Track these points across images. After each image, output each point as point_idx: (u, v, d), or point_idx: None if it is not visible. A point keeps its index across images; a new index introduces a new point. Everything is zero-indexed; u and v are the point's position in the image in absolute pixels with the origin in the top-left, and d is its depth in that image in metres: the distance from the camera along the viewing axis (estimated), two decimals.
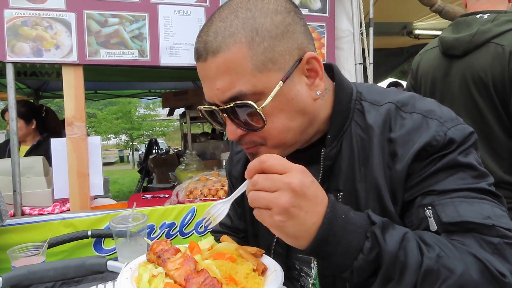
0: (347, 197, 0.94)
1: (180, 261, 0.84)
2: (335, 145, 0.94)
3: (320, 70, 0.88)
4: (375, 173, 0.89)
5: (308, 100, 0.88)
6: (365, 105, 0.96)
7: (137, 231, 1.50)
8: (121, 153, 28.82)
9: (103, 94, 8.69)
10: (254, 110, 0.82)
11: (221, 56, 0.81)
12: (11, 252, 1.50)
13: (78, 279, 1.26)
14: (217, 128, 0.96)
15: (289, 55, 0.84)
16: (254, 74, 0.81)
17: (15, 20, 2.23)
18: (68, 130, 2.34)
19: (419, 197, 0.85)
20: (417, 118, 0.89)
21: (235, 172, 1.23)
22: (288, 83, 0.84)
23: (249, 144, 0.90)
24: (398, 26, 5.17)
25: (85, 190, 2.36)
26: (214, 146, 5.32)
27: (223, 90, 0.82)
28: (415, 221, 0.85)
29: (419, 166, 0.85)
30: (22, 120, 3.49)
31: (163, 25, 2.45)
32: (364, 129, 0.93)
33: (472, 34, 1.94)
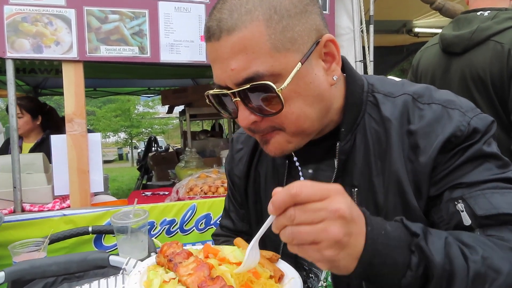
0: (362, 192, 0.90)
1: (193, 266, 0.79)
2: (349, 138, 0.91)
3: (337, 54, 0.85)
4: (395, 166, 0.85)
5: (325, 85, 0.84)
6: (379, 97, 0.92)
7: (138, 227, 1.50)
8: (120, 151, 28.80)
9: (102, 92, 8.67)
10: (272, 92, 0.77)
11: (237, 34, 0.76)
12: (12, 248, 1.50)
13: (79, 275, 1.26)
14: (225, 116, 0.91)
15: (308, 36, 0.80)
16: (272, 54, 0.76)
17: (15, 16, 2.22)
18: (68, 127, 2.34)
19: (447, 191, 0.82)
20: (437, 109, 0.85)
21: (237, 171, 1.18)
22: (306, 65, 0.79)
23: (264, 130, 0.85)
24: (398, 24, 5.17)
25: (85, 186, 2.36)
26: (213, 144, 5.32)
27: (238, 70, 0.77)
28: (445, 216, 0.81)
29: (445, 158, 0.82)
30: (29, 114, 3.49)
31: (163, 21, 2.44)
32: (379, 122, 0.90)
33: (472, 31, 1.94)
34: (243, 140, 1.18)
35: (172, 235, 2.38)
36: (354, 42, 2.93)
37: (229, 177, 1.23)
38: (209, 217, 2.44)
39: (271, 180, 1.07)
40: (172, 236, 2.38)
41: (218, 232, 1.29)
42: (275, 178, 1.06)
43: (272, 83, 0.76)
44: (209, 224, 2.45)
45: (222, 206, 2.42)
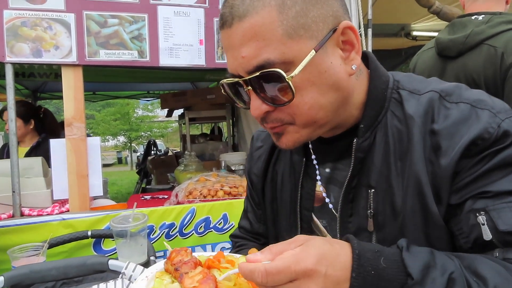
0: (379, 194, 0.84)
1: (198, 278, 0.76)
2: (368, 136, 0.85)
3: (356, 43, 0.80)
4: (416, 167, 0.79)
5: (342, 74, 0.79)
6: (404, 94, 0.86)
7: (138, 231, 1.50)
8: (119, 154, 28.77)
9: (101, 95, 8.68)
10: (282, 80, 0.74)
11: (248, 20, 0.73)
12: (11, 253, 1.50)
13: (78, 279, 1.26)
14: (240, 106, 0.87)
15: (323, 22, 0.76)
16: (284, 40, 0.73)
17: (14, 21, 2.23)
18: (68, 131, 2.33)
19: (470, 200, 0.75)
20: (464, 108, 0.78)
21: (255, 169, 1.15)
22: (320, 53, 0.75)
23: (276, 122, 0.81)
24: (396, 28, 5.19)
25: (84, 191, 2.36)
26: (213, 147, 5.33)
27: (248, 58, 0.75)
28: (465, 229, 0.75)
29: (469, 163, 0.74)
30: (20, 119, 3.49)
31: (163, 26, 2.45)
32: (402, 120, 0.84)
33: (466, 35, 1.95)
34: (263, 138, 1.16)
35: (171, 238, 2.38)
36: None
37: (248, 176, 1.20)
38: (209, 221, 2.44)
39: (287, 179, 1.05)
40: (171, 239, 2.37)
41: (236, 234, 1.27)
42: (291, 177, 1.03)
43: (283, 71, 0.73)
44: (208, 228, 2.44)
45: (221, 209, 2.46)
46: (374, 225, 0.85)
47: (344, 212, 0.89)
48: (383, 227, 0.84)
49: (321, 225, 0.97)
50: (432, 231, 0.79)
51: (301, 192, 0.99)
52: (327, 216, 0.95)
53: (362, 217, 0.86)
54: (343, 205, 0.89)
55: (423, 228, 0.79)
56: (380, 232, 0.84)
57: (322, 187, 0.96)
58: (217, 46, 2.54)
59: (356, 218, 0.88)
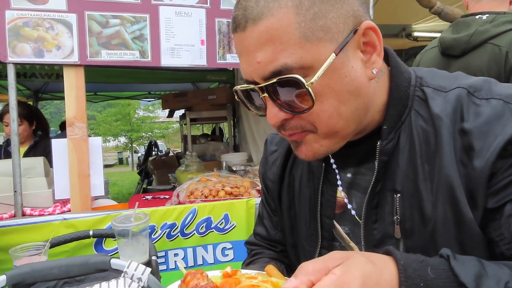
0: (406, 199, 0.79)
1: None
2: (392, 137, 0.80)
3: (378, 44, 0.75)
4: (447, 171, 0.73)
5: (363, 79, 0.74)
6: (428, 91, 0.80)
7: (139, 230, 1.50)
8: (120, 155, 28.80)
9: (102, 96, 8.70)
10: (301, 86, 0.69)
11: (263, 23, 0.68)
12: (13, 252, 1.50)
13: (80, 278, 1.26)
14: (255, 113, 0.83)
15: (344, 23, 0.71)
16: (302, 44, 0.68)
17: (16, 21, 2.23)
18: (69, 131, 2.34)
19: (510, 204, 0.69)
20: (497, 105, 0.72)
21: (271, 174, 1.08)
22: (341, 56, 0.70)
23: (295, 129, 0.76)
24: (397, 28, 5.19)
25: (86, 190, 2.36)
26: (214, 148, 5.33)
27: (264, 63, 0.70)
28: (507, 234, 0.69)
29: (506, 164, 0.69)
30: (26, 121, 3.55)
31: (164, 26, 2.46)
32: (427, 120, 0.78)
33: (470, 34, 1.96)
34: (277, 141, 1.10)
35: (172, 239, 2.38)
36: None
37: (262, 182, 1.13)
38: (210, 221, 2.44)
39: (306, 185, 0.99)
40: (173, 239, 2.38)
41: (251, 240, 1.21)
42: (310, 182, 0.98)
43: (301, 76, 0.68)
44: (209, 228, 2.44)
45: (222, 209, 2.46)
46: (401, 232, 0.80)
47: (368, 218, 0.85)
48: (411, 234, 0.79)
49: (344, 233, 0.93)
50: (466, 239, 0.74)
51: (321, 199, 0.94)
52: (349, 223, 0.91)
53: (388, 223, 0.82)
54: (367, 211, 0.85)
55: (456, 235, 0.74)
56: (408, 239, 0.80)
57: (344, 193, 0.91)
58: (219, 46, 2.55)
59: (381, 224, 0.83)
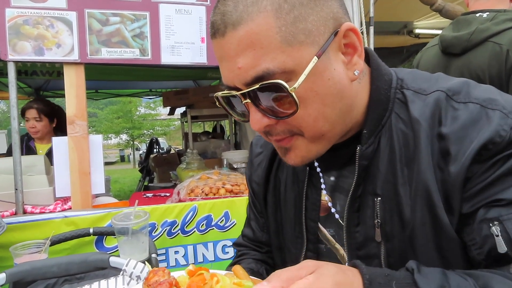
0: (386, 202, 0.79)
1: None
2: (372, 141, 0.80)
3: (359, 45, 0.74)
4: (424, 176, 0.74)
5: (345, 81, 0.74)
6: (408, 94, 0.80)
7: (139, 228, 1.51)
8: (122, 152, 28.85)
9: (103, 94, 8.69)
10: (284, 91, 0.68)
11: (243, 28, 0.67)
12: (13, 250, 1.51)
13: (80, 276, 1.27)
14: (237, 119, 0.82)
15: (324, 26, 0.70)
16: (283, 48, 0.67)
17: (16, 19, 2.23)
18: (70, 129, 2.34)
19: (482, 209, 0.70)
20: (474, 109, 0.72)
21: (256, 177, 1.08)
22: (323, 59, 0.70)
23: (282, 134, 0.76)
24: (398, 25, 5.17)
25: (86, 188, 2.37)
26: (215, 145, 5.33)
27: (246, 69, 0.69)
28: (478, 239, 0.70)
29: (480, 169, 0.69)
30: (46, 118, 3.57)
31: (164, 24, 2.45)
32: (407, 123, 0.78)
33: (470, 32, 1.95)
34: (262, 144, 1.10)
35: (173, 236, 2.38)
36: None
37: (249, 184, 1.13)
38: (210, 219, 2.45)
39: (291, 188, 0.99)
40: (173, 237, 2.38)
41: (238, 242, 1.21)
42: (295, 186, 0.98)
43: (284, 81, 0.67)
44: (210, 226, 2.45)
45: (222, 207, 2.47)
46: (382, 235, 0.81)
47: (350, 221, 0.86)
48: (391, 238, 0.80)
49: (329, 235, 0.93)
50: (443, 243, 0.74)
51: (306, 202, 0.95)
52: (334, 225, 0.91)
53: (369, 226, 0.82)
54: (349, 215, 0.85)
55: (434, 239, 0.75)
56: (388, 242, 0.80)
57: (328, 196, 0.92)
58: None
59: (363, 227, 0.83)
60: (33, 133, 3.58)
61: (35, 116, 3.52)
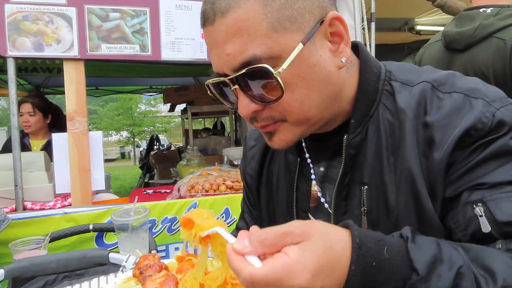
0: (373, 190, 0.82)
1: (161, 280, 0.76)
2: (360, 131, 0.83)
3: (345, 34, 0.77)
4: (408, 163, 0.76)
5: (332, 67, 0.76)
6: (395, 85, 0.83)
7: (139, 224, 1.50)
8: (123, 149, 28.82)
9: (104, 90, 8.68)
10: (270, 76, 0.70)
11: (231, 15, 0.70)
12: (13, 246, 1.51)
13: (79, 272, 1.26)
14: (228, 107, 0.84)
15: (310, 14, 0.73)
16: (269, 34, 0.70)
17: (16, 15, 2.22)
18: (70, 125, 2.34)
19: (466, 192, 0.72)
20: (457, 98, 0.75)
21: (249, 169, 1.11)
22: (309, 46, 0.72)
23: (267, 120, 0.78)
24: (399, 22, 5.15)
25: (86, 185, 2.36)
26: (215, 142, 5.33)
27: (234, 55, 0.71)
28: (462, 222, 0.72)
29: (463, 154, 0.72)
30: (40, 113, 3.57)
31: (165, 19, 2.44)
32: (394, 113, 0.81)
33: (474, 28, 1.94)
34: (256, 137, 1.12)
35: (173, 232, 2.38)
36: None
37: (243, 177, 1.16)
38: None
39: (283, 180, 1.02)
40: (173, 234, 2.38)
41: (233, 234, 1.26)
42: (286, 177, 1.01)
43: (270, 66, 0.70)
44: None
45: (223, 204, 2.46)
46: (368, 222, 0.83)
47: (338, 210, 0.88)
48: (377, 225, 0.82)
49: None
50: (427, 230, 0.75)
51: (297, 193, 0.97)
52: (324, 215, 0.93)
53: (356, 214, 0.84)
54: (336, 203, 0.88)
55: (417, 226, 0.76)
56: (375, 229, 0.79)
57: (317, 186, 0.94)
58: None
59: (350, 215, 0.85)
60: (26, 128, 3.56)
61: (29, 110, 3.51)
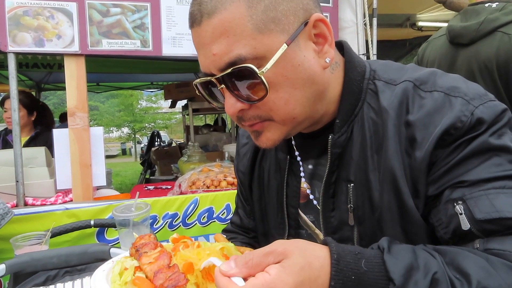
0: (358, 188, 0.84)
1: (155, 255, 0.80)
2: (345, 130, 0.85)
3: (329, 35, 0.79)
4: (390, 162, 0.78)
5: (316, 67, 0.78)
6: (379, 84, 0.84)
7: (140, 220, 1.50)
8: (123, 145, 28.86)
9: (105, 86, 8.68)
10: (254, 76, 0.72)
11: (217, 16, 0.72)
12: (14, 241, 1.51)
13: (81, 268, 1.26)
14: (215, 106, 0.86)
15: (294, 15, 0.75)
16: (254, 35, 0.72)
17: (16, 10, 2.21)
18: (71, 121, 2.33)
19: (447, 191, 0.73)
20: (438, 97, 0.77)
21: (241, 166, 1.14)
22: (293, 47, 0.74)
23: (253, 119, 0.79)
24: (401, 18, 5.13)
25: (87, 180, 2.36)
26: (216, 138, 5.33)
27: (220, 55, 0.73)
28: (444, 219, 0.73)
29: (444, 153, 0.74)
30: (25, 109, 3.54)
31: (165, 15, 2.43)
32: (377, 112, 0.82)
33: (479, 22, 1.93)
34: (248, 135, 1.13)
35: (174, 228, 2.38)
36: (357, 36, 2.91)
37: (236, 173, 1.19)
38: (212, 211, 2.44)
39: (273, 176, 1.04)
40: (175, 229, 2.38)
41: (228, 228, 1.27)
42: (277, 174, 1.03)
43: (255, 66, 0.71)
44: (211, 218, 2.45)
45: (224, 200, 2.46)
46: (354, 219, 0.85)
47: (326, 207, 0.90)
48: (363, 221, 0.84)
49: (309, 221, 0.97)
50: (409, 227, 0.78)
51: (287, 190, 1.00)
52: (313, 211, 0.96)
53: (343, 211, 0.87)
54: (324, 200, 0.90)
55: (400, 223, 0.79)
56: (360, 226, 0.85)
57: (306, 183, 0.96)
58: None
59: (338, 212, 0.88)
60: (10, 124, 3.56)
61: None
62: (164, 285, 0.71)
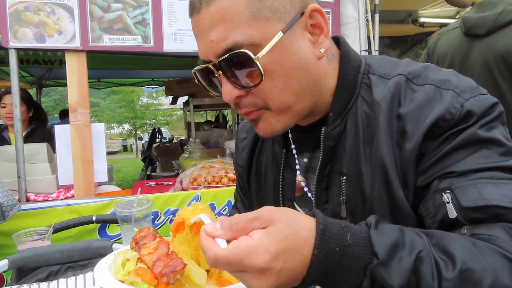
0: (351, 180, 0.85)
1: (154, 245, 0.83)
2: (339, 123, 0.86)
3: (325, 26, 0.81)
4: (382, 154, 0.79)
5: (311, 57, 0.80)
6: (373, 78, 0.86)
7: (142, 216, 1.50)
8: (125, 142, 28.86)
9: (106, 83, 8.67)
10: (250, 62, 0.74)
11: (215, 4, 0.74)
12: (16, 237, 1.51)
13: (83, 263, 1.27)
14: (214, 94, 0.88)
15: (290, 5, 0.77)
16: (251, 23, 0.74)
17: (17, 6, 2.21)
18: (72, 117, 2.33)
19: (436, 181, 0.74)
20: (429, 90, 0.78)
21: (240, 160, 1.15)
22: (288, 35, 0.76)
23: (250, 107, 0.81)
24: (403, 14, 5.11)
25: (89, 176, 2.36)
26: (217, 135, 5.33)
27: (217, 41, 0.75)
28: (432, 209, 0.74)
29: (433, 144, 0.75)
30: (24, 105, 3.56)
31: (167, 10, 2.43)
32: (370, 106, 0.84)
33: (497, 13, 1.90)
34: (247, 129, 1.16)
35: None
36: (359, 32, 2.90)
37: (235, 168, 1.21)
38: (213, 207, 2.44)
39: (270, 170, 1.06)
40: None
41: None
42: (274, 167, 1.04)
43: (251, 52, 0.73)
44: None
45: (225, 196, 2.46)
46: (347, 211, 0.86)
47: (319, 199, 0.91)
48: (355, 214, 0.85)
49: (304, 214, 0.97)
50: (399, 218, 0.79)
51: (283, 183, 1.01)
52: (308, 204, 0.97)
53: (336, 203, 0.88)
54: (317, 193, 0.91)
55: (391, 214, 0.80)
56: (352, 218, 0.86)
57: (301, 176, 0.98)
58: None
59: (331, 205, 0.89)
60: (8, 119, 3.55)
61: None
62: (162, 272, 0.74)
